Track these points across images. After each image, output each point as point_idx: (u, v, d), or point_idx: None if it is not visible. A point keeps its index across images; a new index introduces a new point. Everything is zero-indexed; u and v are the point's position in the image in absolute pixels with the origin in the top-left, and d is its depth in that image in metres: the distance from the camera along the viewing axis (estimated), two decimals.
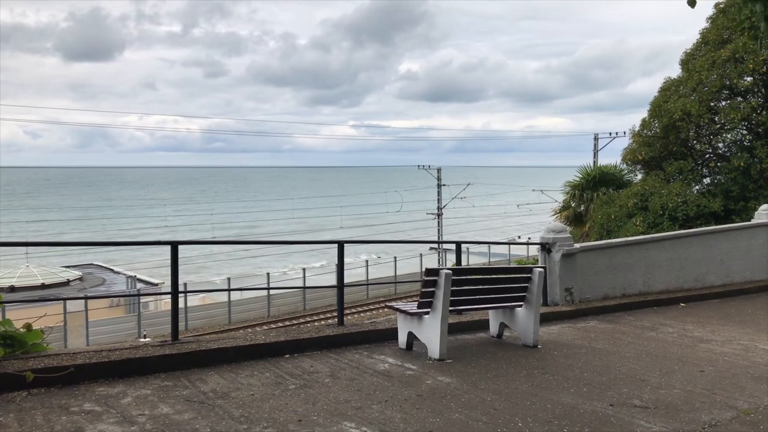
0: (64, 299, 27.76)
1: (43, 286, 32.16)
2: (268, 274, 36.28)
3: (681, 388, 5.40)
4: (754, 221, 12.46)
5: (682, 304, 10.09)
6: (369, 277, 38.92)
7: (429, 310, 6.21)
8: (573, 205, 24.35)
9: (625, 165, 21.84)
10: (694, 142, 19.15)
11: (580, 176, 24.23)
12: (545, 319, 7.93)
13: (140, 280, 34.84)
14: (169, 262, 6.07)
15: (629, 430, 4.35)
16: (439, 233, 47.94)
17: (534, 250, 40.31)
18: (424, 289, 6.15)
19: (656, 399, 5.07)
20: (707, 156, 19.20)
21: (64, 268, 37.06)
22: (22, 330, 5.34)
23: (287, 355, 6.09)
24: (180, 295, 6.26)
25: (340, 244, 7.32)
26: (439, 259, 44.63)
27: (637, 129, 19.95)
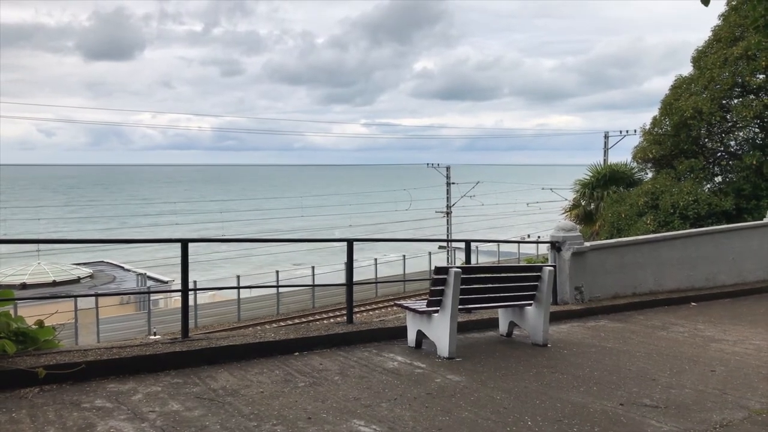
0: (75, 296, 28.06)
1: (54, 284, 32.41)
2: (277, 272, 36.35)
3: (692, 388, 5.37)
4: (766, 220, 12.38)
5: (693, 304, 10.03)
6: (378, 275, 38.93)
7: (438, 308, 6.20)
8: (583, 203, 24.25)
9: (635, 163, 21.71)
10: (706, 140, 19.00)
11: (591, 174, 24.11)
12: (555, 317, 7.90)
13: (150, 278, 35.04)
14: (179, 259, 6.10)
15: (639, 430, 4.33)
16: (448, 231, 47.86)
17: (544, 249, 40.18)
18: (433, 288, 6.15)
19: (667, 398, 5.04)
20: (719, 154, 19.05)
21: (75, 266, 37.33)
22: (34, 327, 5.39)
23: (297, 353, 6.10)
24: (190, 292, 6.28)
25: (350, 243, 7.33)
26: (448, 258, 44.57)
27: (648, 127, 19.81)
